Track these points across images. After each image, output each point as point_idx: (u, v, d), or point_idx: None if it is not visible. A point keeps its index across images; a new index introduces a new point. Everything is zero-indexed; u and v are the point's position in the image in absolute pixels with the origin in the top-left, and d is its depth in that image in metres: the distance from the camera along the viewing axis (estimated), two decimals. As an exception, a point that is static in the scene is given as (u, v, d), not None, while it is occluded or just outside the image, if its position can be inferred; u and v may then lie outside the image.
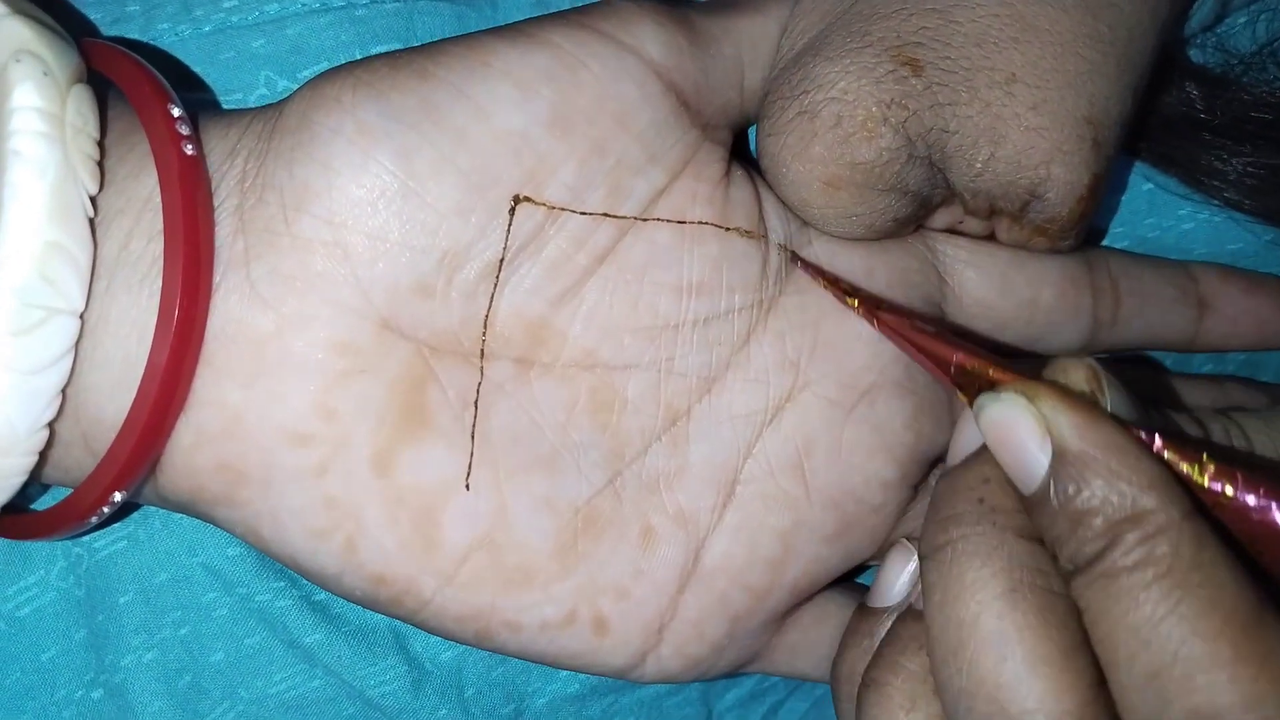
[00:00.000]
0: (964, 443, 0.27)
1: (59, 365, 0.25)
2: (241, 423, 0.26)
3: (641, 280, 0.28)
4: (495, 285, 0.27)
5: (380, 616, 0.32)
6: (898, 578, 0.29)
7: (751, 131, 0.33)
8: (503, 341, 0.28)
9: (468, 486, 0.27)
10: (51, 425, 0.26)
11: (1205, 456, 0.24)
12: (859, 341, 0.30)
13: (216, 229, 0.26)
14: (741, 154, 0.30)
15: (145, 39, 0.30)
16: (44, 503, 0.30)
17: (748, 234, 0.29)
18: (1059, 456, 0.24)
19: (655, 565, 0.29)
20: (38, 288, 0.24)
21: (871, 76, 0.27)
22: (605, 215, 0.28)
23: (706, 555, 0.29)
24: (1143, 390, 0.32)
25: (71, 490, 0.26)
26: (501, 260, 0.27)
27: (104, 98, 0.27)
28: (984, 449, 0.26)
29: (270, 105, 0.28)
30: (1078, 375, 0.25)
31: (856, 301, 0.29)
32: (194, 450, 0.26)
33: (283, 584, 0.32)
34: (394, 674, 0.32)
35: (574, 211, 0.27)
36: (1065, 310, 0.33)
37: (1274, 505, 0.24)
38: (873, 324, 0.29)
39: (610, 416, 0.29)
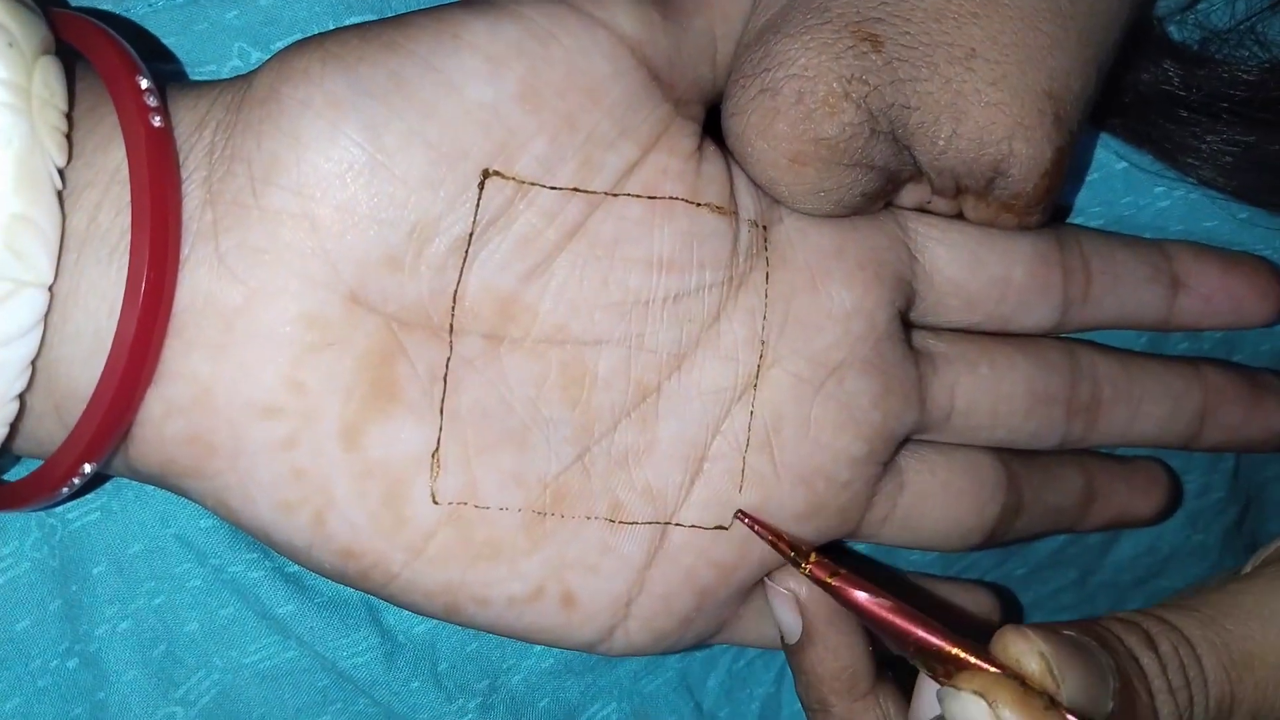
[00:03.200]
0: (922, 712, 0.27)
1: (27, 338, 0.25)
2: (210, 395, 0.26)
3: (612, 256, 0.28)
4: (464, 259, 0.27)
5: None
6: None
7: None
8: (472, 316, 0.28)
9: (436, 461, 0.28)
10: (22, 397, 0.26)
11: None
12: (829, 319, 0.30)
13: (185, 200, 0.26)
14: (714, 129, 0.30)
15: (118, 10, 0.30)
16: (16, 475, 0.30)
17: (719, 210, 0.29)
18: None
19: (623, 541, 0.29)
20: (5, 260, 0.24)
21: (831, 52, 0.27)
22: (575, 190, 0.28)
23: (674, 531, 0.29)
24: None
25: (42, 463, 0.26)
26: (470, 234, 0.27)
27: (73, 70, 0.27)
28: None
29: (240, 76, 0.28)
30: (1031, 665, 0.24)
31: (805, 566, 0.29)
32: (164, 422, 0.26)
33: (255, 555, 0.32)
34: (366, 646, 0.32)
35: (544, 186, 0.27)
36: (1036, 288, 0.33)
37: None
38: (824, 587, 0.28)
39: (580, 392, 0.29)
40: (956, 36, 0.28)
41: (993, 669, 0.24)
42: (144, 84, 0.26)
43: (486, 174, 0.27)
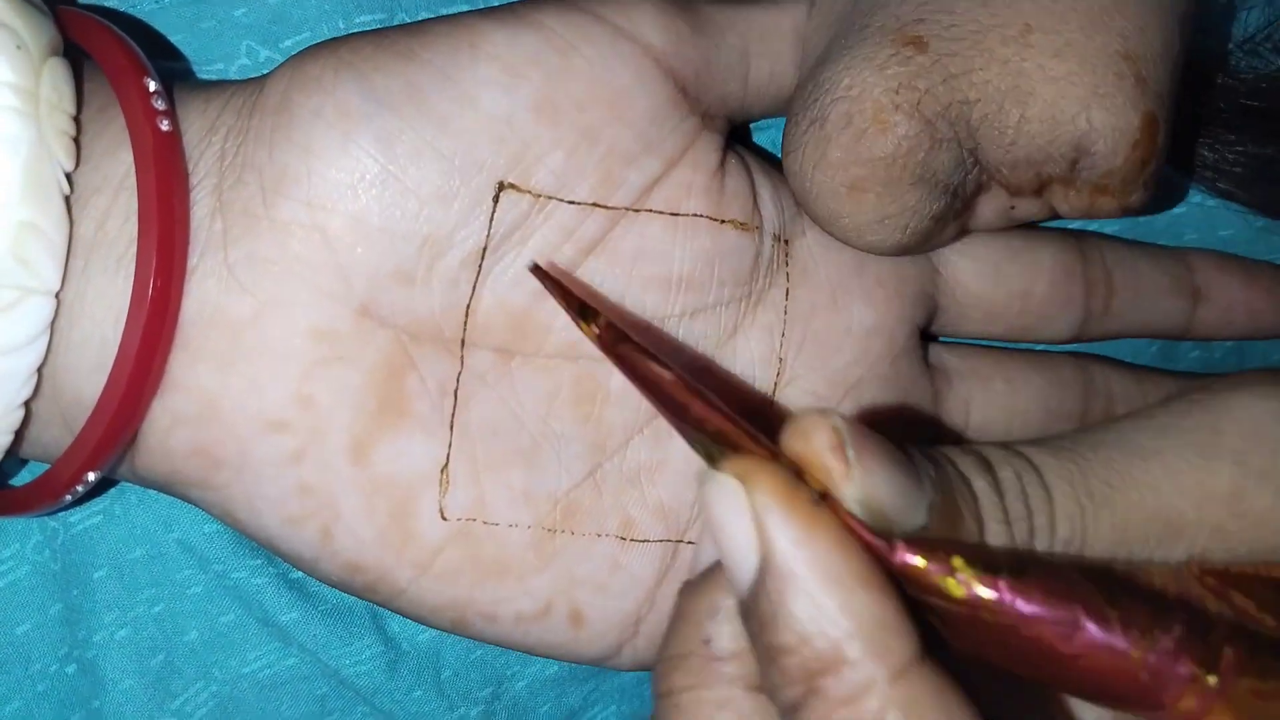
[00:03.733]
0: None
1: (34, 346, 0.25)
2: (217, 408, 0.26)
3: (630, 273, 0.28)
4: (478, 274, 0.27)
5: (357, 596, 0.32)
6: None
7: (754, 127, 0.32)
8: (484, 331, 0.27)
9: (445, 476, 0.27)
10: (28, 405, 0.25)
11: (959, 561, 0.20)
12: (848, 337, 0.30)
13: (194, 208, 0.26)
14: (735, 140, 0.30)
15: (124, 7, 0.30)
16: (22, 479, 0.30)
17: (741, 226, 0.29)
18: (764, 568, 0.19)
19: (634, 559, 0.28)
20: (11, 268, 0.24)
21: (873, 65, 0.26)
22: (595, 205, 0.27)
23: (686, 549, 0.29)
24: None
25: (49, 466, 0.26)
26: (484, 248, 0.26)
27: (81, 69, 0.26)
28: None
29: (251, 80, 0.27)
30: (820, 439, 0.20)
31: (596, 327, 0.23)
32: (169, 433, 0.26)
33: (259, 561, 0.31)
34: (370, 654, 0.32)
35: (561, 200, 0.27)
36: (1057, 302, 0.33)
37: (1045, 613, 0.20)
38: (610, 357, 0.23)
39: (592, 408, 0.28)
40: (1007, 16, 0.26)
41: (778, 454, 0.20)
42: (152, 86, 0.25)
43: (501, 187, 0.26)
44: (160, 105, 0.25)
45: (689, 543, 0.29)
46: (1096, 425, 0.24)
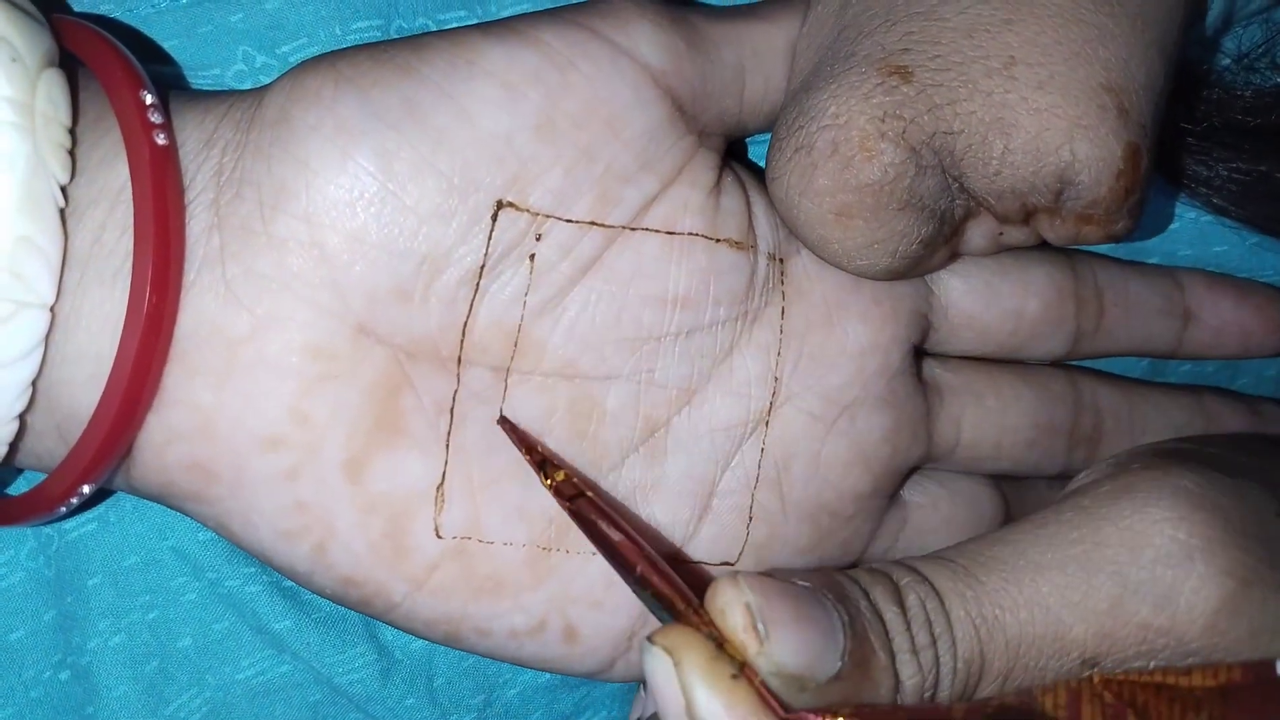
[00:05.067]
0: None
1: (29, 359, 0.25)
2: (213, 424, 0.26)
3: (627, 292, 0.28)
4: (475, 292, 0.27)
5: (351, 605, 0.32)
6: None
7: (749, 141, 0.32)
8: (481, 350, 0.27)
9: (440, 495, 0.27)
10: (22, 417, 0.25)
11: None
12: (844, 355, 0.30)
13: (191, 223, 0.26)
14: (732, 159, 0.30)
15: (121, 12, 0.29)
16: (18, 488, 0.30)
17: (737, 245, 0.29)
18: None
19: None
20: (6, 282, 0.24)
21: (859, 94, 0.26)
22: (592, 224, 0.27)
23: (681, 567, 0.29)
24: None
25: (45, 476, 0.26)
26: (482, 267, 0.26)
27: (76, 78, 0.26)
28: None
29: (249, 93, 0.27)
30: (734, 618, 0.23)
31: (551, 481, 0.27)
32: (165, 448, 0.26)
33: (253, 570, 0.31)
34: (363, 662, 0.32)
35: (559, 219, 0.27)
36: (1050, 321, 0.33)
37: None
38: (566, 510, 0.27)
39: (588, 426, 0.28)
40: (991, 48, 0.26)
41: (701, 626, 0.23)
42: (149, 99, 0.25)
43: (500, 205, 0.26)
44: (157, 119, 0.25)
45: (684, 561, 0.29)
46: (996, 535, 0.26)
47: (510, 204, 0.26)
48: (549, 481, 0.27)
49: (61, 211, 0.25)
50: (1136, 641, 0.24)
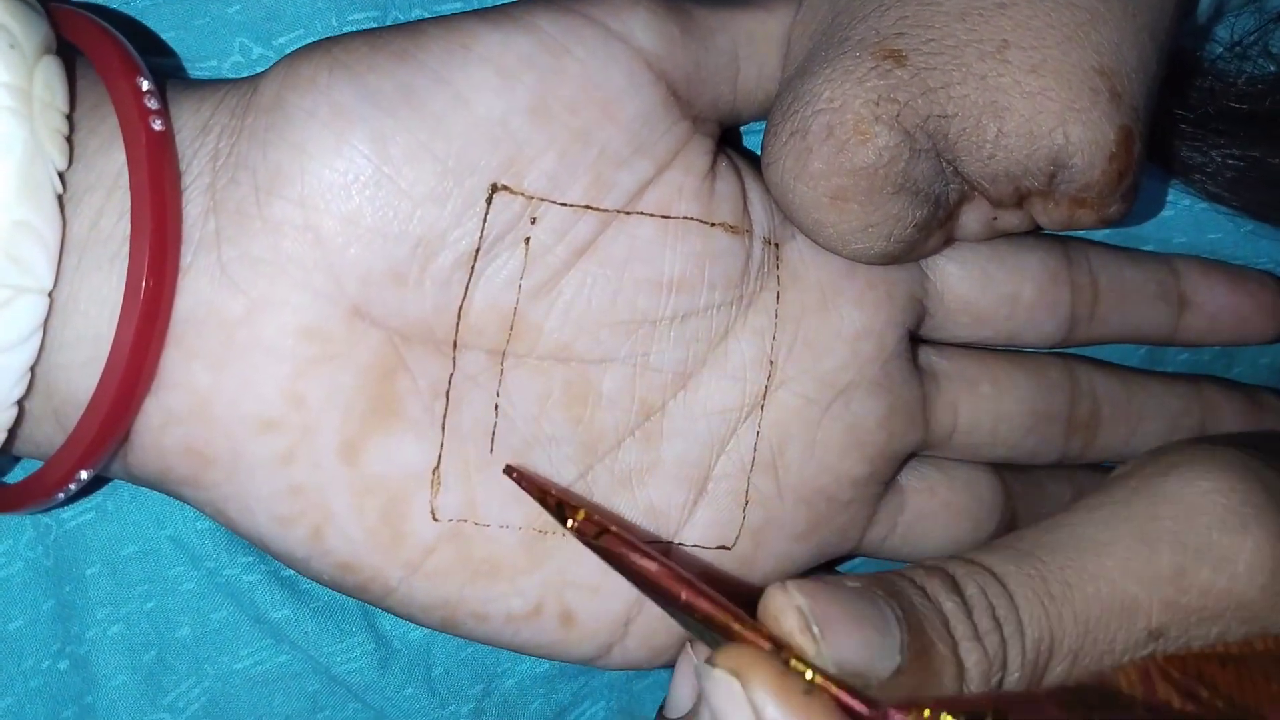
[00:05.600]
0: (681, 693, 0.26)
1: (27, 344, 0.25)
2: (209, 406, 0.26)
3: (622, 275, 0.28)
4: (470, 275, 0.27)
5: (349, 593, 0.32)
6: (684, 688, 0.27)
7: (744, 131, 0.32)
8: (476, 332, 0.27)
9: (436, 478, 0.27)
10: (20, 403, 0.25)
11: (946, 718, 0.21)
12: (839, 339, 0.30)
13: (187, 207, 0.26)
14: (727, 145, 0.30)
15: (118, 3, 0.30)
16: (16, 477, 0.30)
17: (732, 229, 0.29)
18: None
19: None
20: (4, 267, 0.24)
21: (854, 78, 0.26)
22: (587, 208, 0.27)
23: (676, 551, 0.29)
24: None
25: (42, 463, 0.26)
26: (477, 250, 0.27)
27: (74, 66, 0.26)
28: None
29: (245, 79, 0.27)
30: (788, 622, 0.22)
31: (572, 522, 0.25)
32: (162, 431, 0.26)
33: (251, 559, 0.31)
34: (361, 651, 0.32)
35: (553, 202, 0.27)
36: (1045, 306, 0.33)
37: None
38: (593, 550, 0.25)
39: (584, 410, 0.28)
40: (985, 31, 0.26)
41: (761, 641, 0.22)
42: (145, 86, 0.25)
43: (494, 189, 0.26)
44: (153, 105, 0.25)
45: (679, 545, 0.29)
46: (1049, 523, 0.26)
47: (505, 187, 0.26)
48: (571, 524, 0.26)
49: (59, 197, 0.25)
50: (1199, 608, 0.25)
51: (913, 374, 0.31)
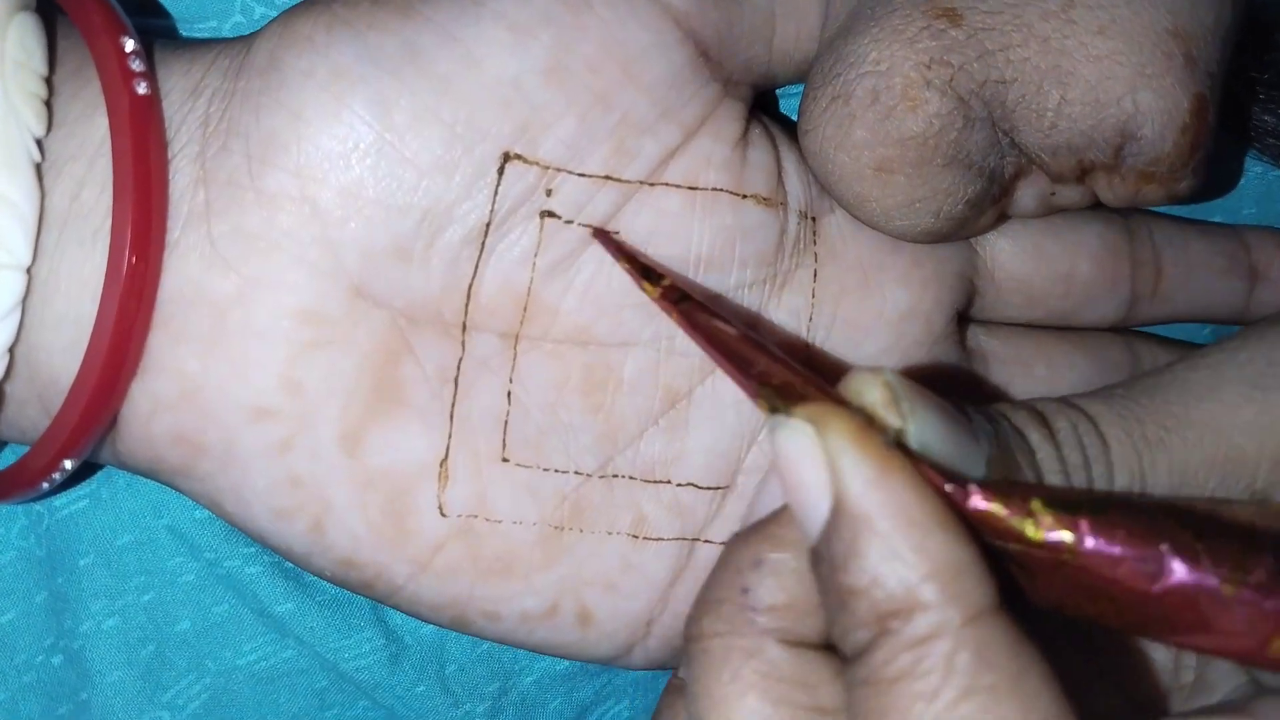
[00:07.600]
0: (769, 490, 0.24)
1: (4, 323, 0.23)
2: (200, 393, 0.24)
3: (645, 251, 0.26)
4: (480, 251, 0.25)
5: (357, 586, 0.31)
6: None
7: (779, 94, 0.30)
8: (487, 313, 0.25)
9: (444, 470, 0.25)
10: (2, 386, 0.24)
11: (1037, 504, 0.20)
12: (881, 321, 0.28)
13: (175, 177, 0.24)
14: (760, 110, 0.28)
15: (108, -43, 0.28)
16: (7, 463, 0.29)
17: (765, 201, 0.27)
18: (836, 511, 0.19)
19: (647, 558, 0.27)
20: None
21: (904, 38, 0.24)
22: (607, 178, 0.25)
23: (703, 548, 0.27)
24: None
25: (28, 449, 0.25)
26: (488, 224, 0.25)
27: (55, 27, 0.25)
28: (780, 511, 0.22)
29: (239, 38, 0.25)
30: (873, 395, 0.20)
31: (658, 289, 0.24)
32: (150, 418, 0.24)
33: (252, 550, 0.30)
34: (370, 647, 0.31)
35: (571, 173, 0.25)
36: (1103, 283, 0.31)
37: (1129, 552, 0.19)
38: (671, 316, 0.24)
39: (604, 398, 0.26)
40: None
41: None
42: (129, 46, 0.24)
43: (507, 157, 0.24)
44: (138, 66, 0.24)
45: (706, 541, 0.27)
46: (1152, 370, 0.24)
47: (518, 156, 0.24)
48: (656, 288, 0.24)
49: (38, 166, 0.23)
50: None
51: (961, 358, 0.29)
